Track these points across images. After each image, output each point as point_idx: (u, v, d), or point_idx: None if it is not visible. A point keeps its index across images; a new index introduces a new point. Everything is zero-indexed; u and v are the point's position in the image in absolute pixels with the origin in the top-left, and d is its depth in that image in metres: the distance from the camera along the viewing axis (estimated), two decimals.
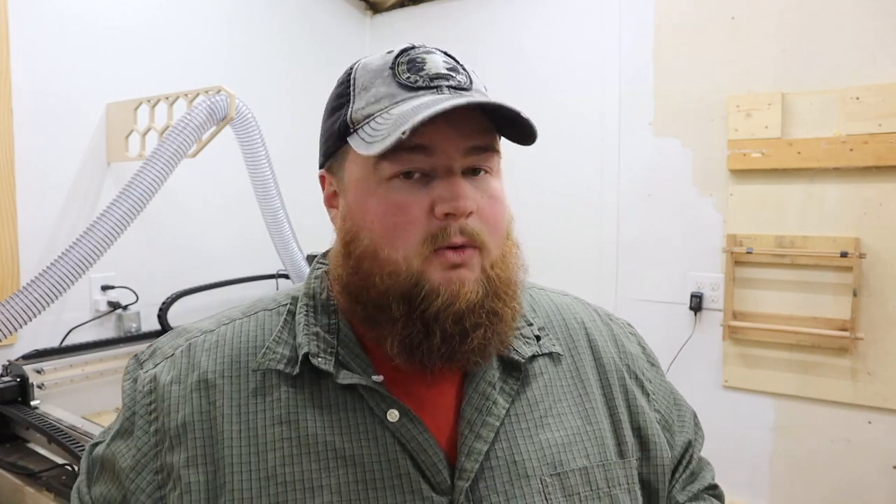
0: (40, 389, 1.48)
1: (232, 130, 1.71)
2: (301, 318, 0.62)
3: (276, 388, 0.59)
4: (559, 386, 0.65)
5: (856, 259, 1.79)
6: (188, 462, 0.56)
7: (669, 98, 2.12)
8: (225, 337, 0.63)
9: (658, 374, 0.75)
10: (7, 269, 1.59)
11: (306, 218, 2.23)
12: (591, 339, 0.70)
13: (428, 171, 0.55)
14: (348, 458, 0.56)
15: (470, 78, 0.59)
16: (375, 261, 0.56)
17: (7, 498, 1.27)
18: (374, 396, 0.58)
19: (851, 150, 1.79)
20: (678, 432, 0.72)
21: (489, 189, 0.58)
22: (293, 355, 0.60)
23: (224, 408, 0.58)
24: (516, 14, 2.42)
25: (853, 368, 1.85)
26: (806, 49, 1.88)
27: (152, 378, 0.61)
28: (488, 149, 0.58)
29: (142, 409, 0.60)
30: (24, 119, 1.61)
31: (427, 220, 0.55)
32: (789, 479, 1.95)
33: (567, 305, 0.73)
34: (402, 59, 0.58)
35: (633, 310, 2.17)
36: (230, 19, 2.18)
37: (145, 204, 1.48)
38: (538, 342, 0.66)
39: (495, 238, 0.58)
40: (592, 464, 0.61)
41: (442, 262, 0.55)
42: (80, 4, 1.73)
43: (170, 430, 0.58)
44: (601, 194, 2.26)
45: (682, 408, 0.75)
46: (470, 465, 0.56)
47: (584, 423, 0.63)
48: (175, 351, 0.63)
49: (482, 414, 0.59)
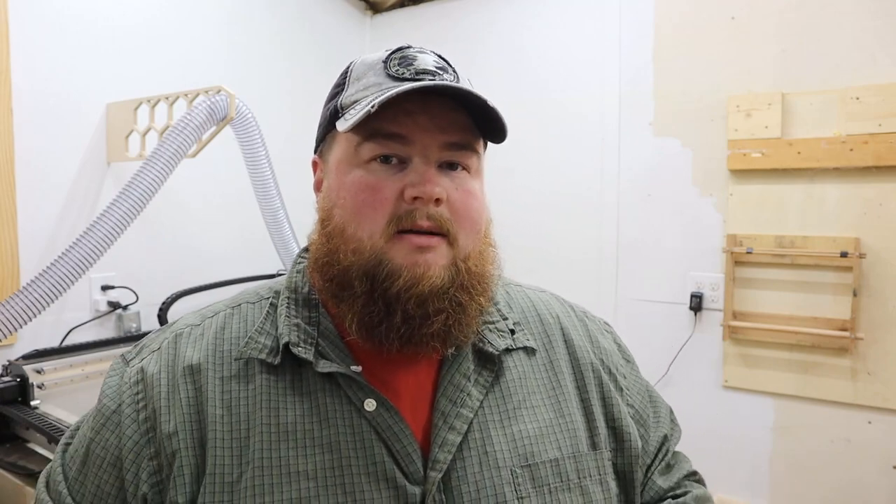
0: (40, 389, 1.47)
1: (232, 130, 1.71)
2: (283, 309, 0.64)
3: (258, 375, 0.60)
4: (533, 379, 0.66)
5: (856, 259, 1.79)
6: (179, 445, 0.57)
7: (669, 98, 2.12)
8: (210, 329, 0.65)
9: (633, 370, 0.77)
10: (7, 269, 1.59)
11: (306, 218, 2.23)
12: (565, 333, 0.72)
13: (404, 159, 0.58)
14: (325, 445, 0.57)
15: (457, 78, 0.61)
16: (342, 237, 0.58)
17: (7, 498, 1.27)
18: (352, 386, 0.59)
19: (851, 150, 1.79)
20: (653, 426, 0.74)
21: (464, 185, 0.60)
22: (275, 345, 0.62)
23: (209, 393, 0.59)
24: (516, 14, 2.42)
25: (853, 368, 1.85)
26: (806, 49, 1.88)
27: (139, 370, 0.62)
28: (466, 147, 0.60)
29: (129, 398, 0.61)
30: (24, 119, 1.61)
31: (396, 203, 0.57)
32: (789, 479, 1.95)
33: (543, 301, 0.75)
34: (395, 56, 0.61)
35: (633, 310, 2.17)
36: (230, 19, 2.17)
37: (145, 204, 1.47)
38: (512, 336, 0.67)
39: (467, 231, 0.59)
40: (564, 455, 0.62)
41: (407, 245, 0.57)
42: (80, 4, 1.73)
43: (160, 416, 0.59)
44: (601, 194, 2.26)
45: (658, 403, 0.77)
46: (443, 457, 0.58)
47: (557, 415, 0.65)
48: (161, 344, 0.64)
49: (456, 406, 0.60)
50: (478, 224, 0.61)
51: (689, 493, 0.71)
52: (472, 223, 0.60)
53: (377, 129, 0.58)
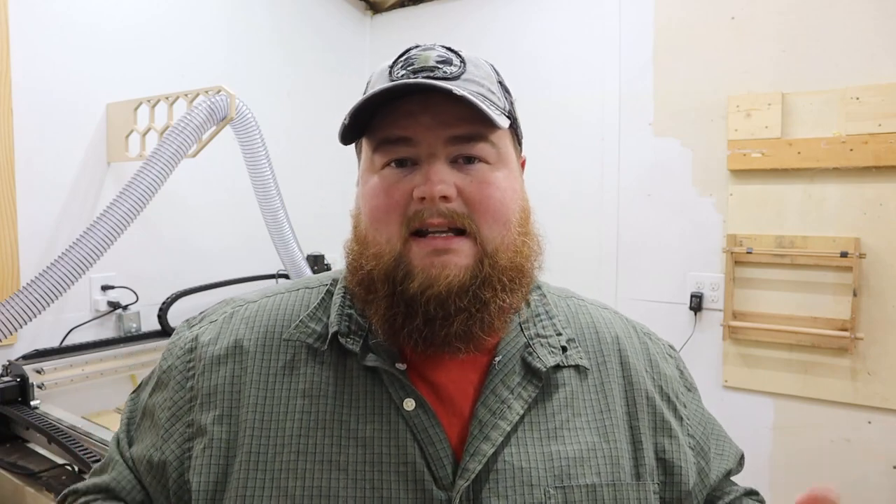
0: (40, 389, 1.47)
1: (232, 130, 1.71)
2: (337, 298, 0.65)
3: (303, 362, 0.61)
4: (581, 399, 0.63)
5: (856, 259, 1.79)
6: (214, 420, 0.59)
7: (669, 98, 2.11)
8: (265, 308, 0.66)
9: (694, 399, 0.73)
10: (7, 269, 1.59)
11: (306, 218, 2.23)
12: (622, 355, 0.68)
13: (415, 160, 0.58)
14: (360, 440, 0.57)
15: (464, 69, 0.60)
16: (365, 243, 0.60)
17: (7, 498, 1.26)
18: (394, 383, 0.59)
19: (851, 150, 1.79)
20: (715, 459, 0.70)
21: (482, 176, 0.59)
22: (324, 332, 0.63)
23: (252, 373, 0.61)
24: (516, 14, 2.42)
25: (853, 368, 1.85)
26: (806, 49, 1.88)
27: (194, 338, 0.65)
28: (475, 138, 0.58)
29: (180, 363, 0.65)
30: (24, 119, 1.61)
31: (407, 205, 0.57)
32: (789, 479, 1.95)
33: (604, 319, 0.71)
34: (401, 58, 0.61)
35: (633, 310, 2.17)
36: (230, 19, 2.17)
37: (145, 204, 1.47)
38: (564, 353, 0.65)
39: (489, 223, 0.58)
40: (602, 482, 0.60)
41: (424, 248, 0.57)
42: (81, 4, 1.73)
43: (203, 387, 0.61)
44: (601, 194, 2.26)
45: (724, 440, 0.74)
46: (472, 466, 0.57)
47: (601, 440, 0.62)
48: (220, 317, 0.67)
49: (495, 416, 0.59)
50: (502, 215, 0.59)
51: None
52: (494, 214, 0.58)
53: (385, 136, 0.58)
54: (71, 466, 1.26)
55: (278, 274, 2.22)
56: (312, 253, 2.18)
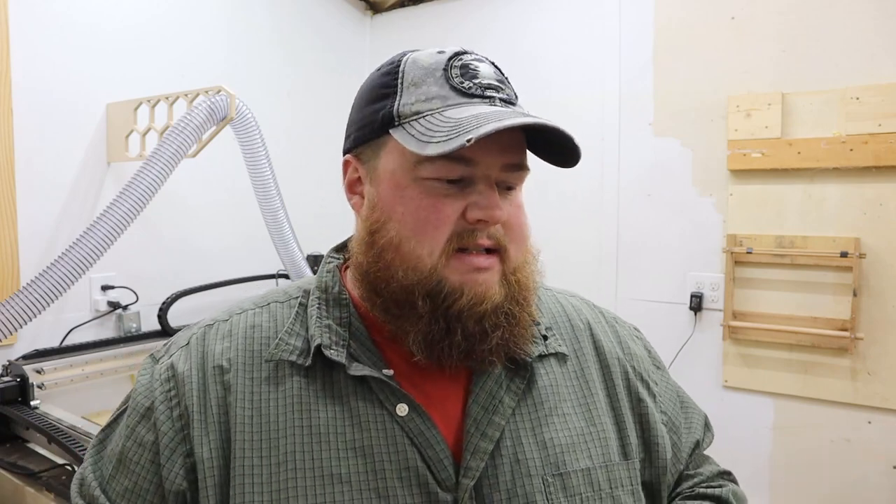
0: (40, 389, 1.47)
1: (232, 130, 1.71)
2: (313, 310, 0.63)
3: (289, 377, 0.60)
4: (564, 386, 0.65)
5: (856, 259, 1.79)
6: (209, 444, 0.58)
7: (669, 98, 2.11)
8: (238, 326, 0.64)
9: (664, 377, 0.76)
10: (7, 269, 1.59)
11: (306, 218, 2.23)
12: (595, 340, 0.71)
13: (469, 179, 0.58)
14: (358, 449, 0.57)
15: (515, 92, 0.62)
16: (398, 253, 0.57)
17: (7, 498, 1.27)
18: (384, 389, 0.59)
19: (851, 150, 1.79)
20: (685, 433, 0.73)
21: (517, 202, 0.62)
22: (306, 347, 0.61)
23: (238, 393, 0.59)
24: (516, 14, 2.42)
25: (853, 368, 1.85)
26: (806, 49, 1.88)
27: (169, 366, 0.62)
28: (522, 167, 0.61)
29: (161, 395, 0.61)
30: (24, 119, 1.61)
31: (457, 222, 0.57)
32: (789, 479, 1.95)
33: (573, 306, 0.74)
34: (455, 63, 0.60)
35: (633, 310, 2.17)
36: (230, 19, 2.18)
37: (145, 204, 1.47)
38: (545, 342, 0.66)
39: (518, 246, 0.60)
40: (595, 465, 0.62)
41: (465, 265, 0.57)
42: (81, 4, 1.73)
43: (192, 413, 0.59)
44: (601, 194, 2.26)
45: (690, 409, 0.76)
46: (475, 464, 0.57)
47: (588, 424, 0.64)
48: (189, 339, 0.64)
49: (489, 413, 0.60)
50: (527, 238, 0.62)
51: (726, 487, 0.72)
52: (523, 237, 0.62)
53: None
54: (71, 466, 1.26)
55: (278, 274, 2.22)
56: (312, 253, 2.18)
